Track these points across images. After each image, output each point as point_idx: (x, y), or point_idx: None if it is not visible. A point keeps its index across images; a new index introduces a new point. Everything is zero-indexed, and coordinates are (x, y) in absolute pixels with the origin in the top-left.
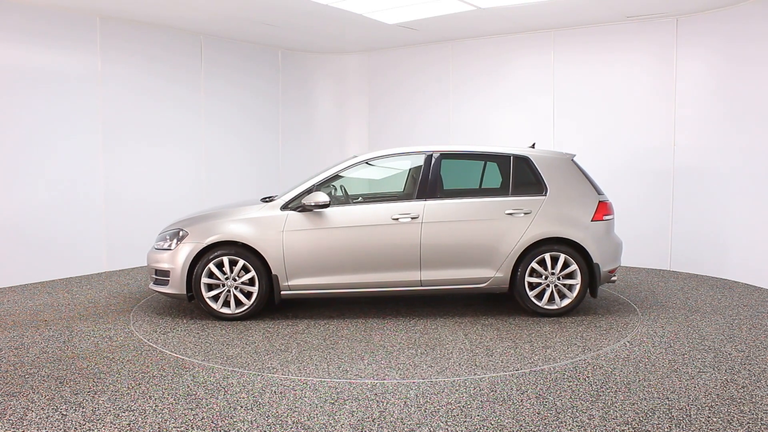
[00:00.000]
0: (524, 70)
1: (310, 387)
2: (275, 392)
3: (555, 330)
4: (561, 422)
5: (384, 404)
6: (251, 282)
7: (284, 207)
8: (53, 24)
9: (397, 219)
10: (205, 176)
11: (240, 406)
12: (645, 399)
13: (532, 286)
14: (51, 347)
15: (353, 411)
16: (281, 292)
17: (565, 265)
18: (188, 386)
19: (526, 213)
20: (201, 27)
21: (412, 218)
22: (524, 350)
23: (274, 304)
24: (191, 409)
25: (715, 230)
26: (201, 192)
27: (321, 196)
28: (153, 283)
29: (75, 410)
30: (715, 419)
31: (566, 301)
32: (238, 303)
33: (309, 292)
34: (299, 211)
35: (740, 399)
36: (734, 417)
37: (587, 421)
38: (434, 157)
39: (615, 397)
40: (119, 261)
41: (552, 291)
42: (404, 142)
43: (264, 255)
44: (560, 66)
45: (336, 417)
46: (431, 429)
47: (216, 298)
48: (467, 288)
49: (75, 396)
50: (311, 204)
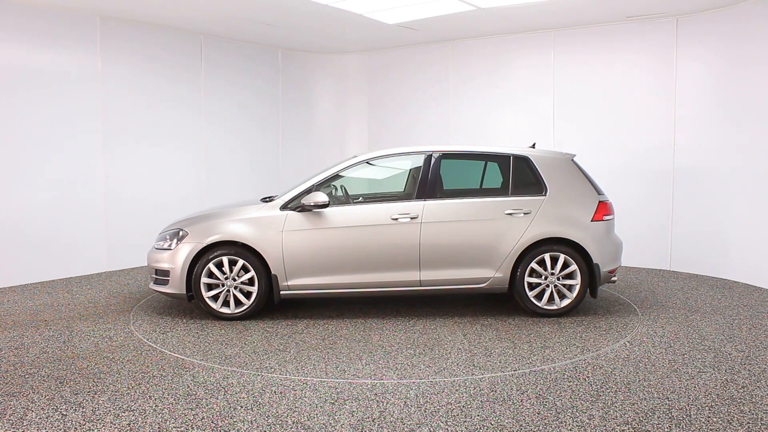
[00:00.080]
0: (524, 70)
1: (310, 387)
2: (275, 392)
3: (554, 330)
4: (561, 422)
5: (384, 404)
6: (251, 282)
7: (284, 207)
8: (53, 24)
9: (397, 219)
10: (205, 176)
11: (240, 406)
12: (645, 399)
13: (532, 287)
14: (51, 347)
15: (353, 411)
16: (281, 292)
17: (565, 266)
18: (188, 386)
19: (526, 213)
20: (201, 27)
21: (412, 218)
22: (523, 350)
23: (274, 304)
24: (191, 409)
25: (715, 230)
26: (201, 192)
27: (320, 196)
28: (153, 283)
29: (75, 410)
30: (715, 419)
31: (566, 302)
32: (238, 303)
33: (308, 292)
34: (299, 211)
35: (740, 399)
36: (734, 417)
37: (587, 421)
38: (434, 157)
39: (615, 397)
40: (119, 261)
41: (552, 291)
42: (404, 142)
43: (263, 255)
44: (560, 66)
45: (336, 417)
46: (431, 429)
47: (216, 298)
48: (467, 288)
49: (75, 396)
50: (310, 204)
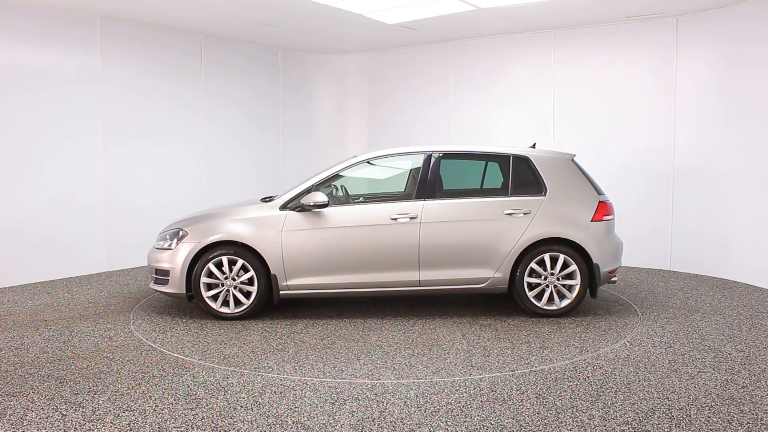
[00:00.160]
0: (524, 70)
1: (310, 387)
2: (275, 392)
3: (553, 330)
4: (561, 422)
5: (384, 404)
6: (250, 282)
7: (283, 207)
8: (53, 24)
9: (396, 219)
10: (205, 176)
11: (240, 406)
12: (645, 399)
13: (532, 287)
14: (51, 347)
15: (353, 411)
16: (280, 292)
17: (565, 266)
18: (188, 386)
19: (526, 213)
20: (201, 27)
21: (411, 218)
22: (521, 351)
23: (273, 304)
24: (191, 409)
25: (715, 230)
26: (201, 192)
27: (319, 196)
28: (153, 283)
29: (75, 410)
30: (715, 419)
31: (566, 302)
32: (237, 302)
33: (308, 292)
34: (298, 211)
35: (740, 399)
36: (734, 417)
37: (587, 421)
38: (433, 157)
39: (615, 397)
40: (119, 261)
41: (551, 291)
42: (404, 142)
43: (263, 255)
44: (560, 66)
45: (336, 417)
46: (431, 429)
47: (215, 298)
48: (466, 288)
49: (75, 396)
50: (310, 204)
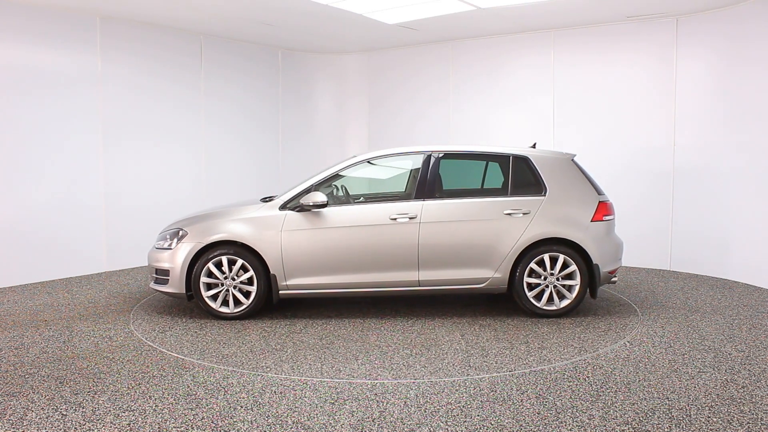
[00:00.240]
0: (524, 70)
1: (310, 387)
2: (275, 392)
3: (553, 331)
4: (561, 422)
5: (384, 404)
6: (250, 281)
7: (283, 207)
8: (53, 24)
9: (395, 219)
10: (205, 176)
11: (240, 406)
12: (645, 399)
13: (531, 287)
14: (51, 347)
15: (353, 411)
16: (279, 292)
17: (565, 266)
18: (188, 386)
19: (525, 213)
20: (201, 27)
21: (410, 218)
22: (520, 351)
23: (273, 304)
24: (191, 409)
25: (716, 230)
26: (201, 192)
27: (319, 196)
28: (153, 282)
29: (75, 410)
30: (715, 419)
31: (565, 302)
32: (237, 302)
33: (307, 292)
34: (297, 211)
35: (740, 399)
36: (734, 417)
37: (587, 421)
38: (433, 157)
39: (615, 397)
40: (119, 261)
41: (551, 292)
42: (404, 142)
43: (262, 255)
44: (560, 66)
45: (336, 417)
46: (431, 429)
47: (215, 298)
48: (465, 288)
49: (75, 396)
50: (309, 204)
